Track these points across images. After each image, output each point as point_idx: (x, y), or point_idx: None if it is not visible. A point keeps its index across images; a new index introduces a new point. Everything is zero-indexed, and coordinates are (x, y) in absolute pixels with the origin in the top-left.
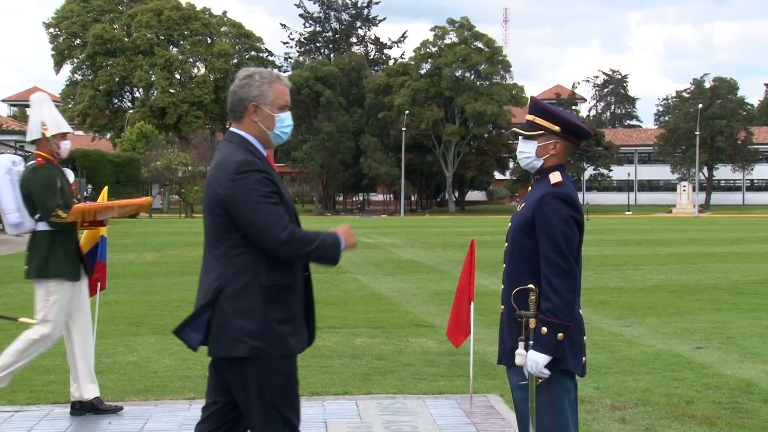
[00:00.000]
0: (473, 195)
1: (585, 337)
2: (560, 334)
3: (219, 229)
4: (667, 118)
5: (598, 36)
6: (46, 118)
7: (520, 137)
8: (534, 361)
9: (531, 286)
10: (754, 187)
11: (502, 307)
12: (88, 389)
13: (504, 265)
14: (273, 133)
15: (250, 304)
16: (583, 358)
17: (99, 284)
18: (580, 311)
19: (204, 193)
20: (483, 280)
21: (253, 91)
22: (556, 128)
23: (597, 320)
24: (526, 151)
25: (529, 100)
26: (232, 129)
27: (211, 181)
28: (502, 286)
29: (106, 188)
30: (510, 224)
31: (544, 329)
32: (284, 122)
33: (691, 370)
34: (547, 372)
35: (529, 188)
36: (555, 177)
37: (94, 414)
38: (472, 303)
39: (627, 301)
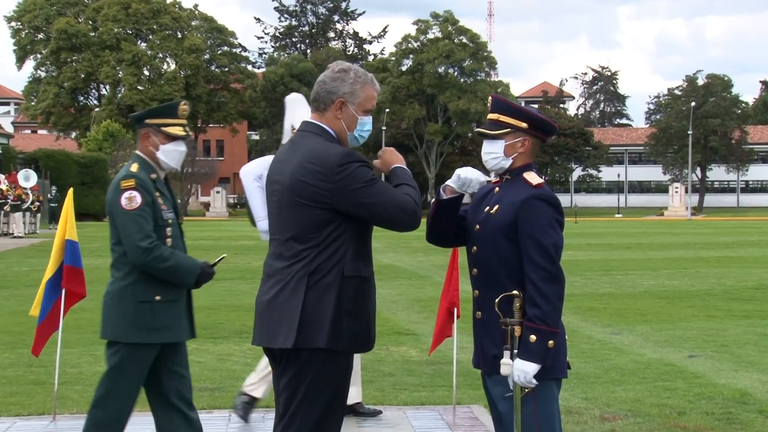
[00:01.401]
0: None
1: (566, 337)
2: (550, 342)
3: (310, 222)
4: (658, 117)
5: (586, 31)
6: (296, 122)
7: (485, 139)
8: (522, 371)
9: (516, 292)
10: (749, 188)
11: (479, 313)
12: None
13: (474, 270)
14: (352, 134)
15: (334, 297)
16: (567, 359)
17: (64, 290)
18: None
19: (277, 187)
20: (466, 285)
21: (345, 88)
22: (523, 125)
23: (585, 328)
24: (493, 152)
25: (491, 98)
26: (311, 120)
27: (299, 173)
28: (476, 292)
29: (71, 190)
30: (478, 227)
31: (533, 337)
32: (365, 126)
33: (683, 380)
34: (535, 382)
35: (496, 189)
36: (534, 178)
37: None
38: (456, 309)
39: (616, 307)
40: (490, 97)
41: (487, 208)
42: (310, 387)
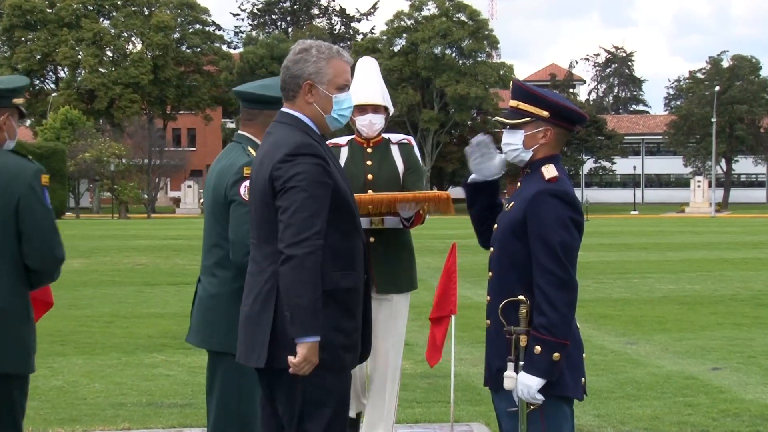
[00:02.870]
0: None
1: (584, 354)
2: (556, 354)
3: (271, 221)
4: (678, 103)
5: (598, 7)
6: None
7: (505, 128)
8: (525, 385)
9: (521, 297)
10: None
11: (488, 321)
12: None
13: (490, 274)
14: (330, 116)
15: None
16: (583, 378)
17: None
18: (577, 324)
19: (252, 184)
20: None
21: (309, 68)
22: (544, 113)
23: (598, 337)
24: (513, 143)
25: (512, 84)
26: (284, 110)
27: (262, 166)
28: (489, 298)
29: None
30: (496, 226)
31: (538, 348)
32: (343, 104)
33: (706, 395)
34: (540, 397)
35: (518, 184)
36: (549, 171)
37: None
38: (453, 317)
39: (632, 314)
40: (512, 82)
41: (506, 204)
42: (302, 409)
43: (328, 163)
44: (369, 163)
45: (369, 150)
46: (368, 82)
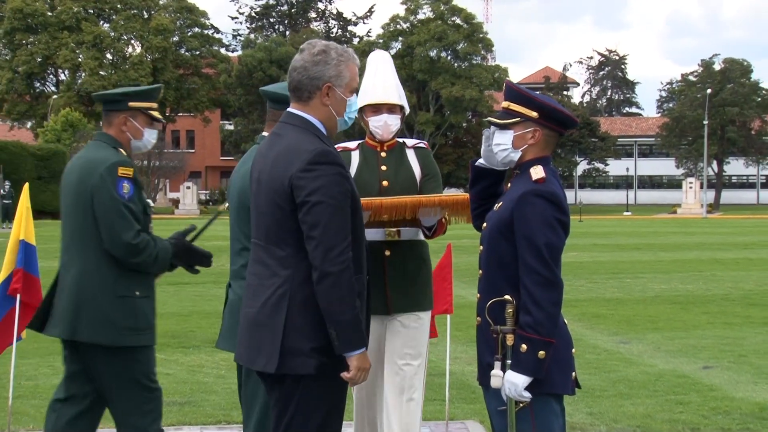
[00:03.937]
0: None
1: (573, 350)
2: (542, 352)
3: (285, 225)
4: (671, 106)
5: (591, 11)
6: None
7: (496, 128)
8: (512, 383)
9: (507, 297)
10: None
11: (479, 318)
12: None
13: (480, 272)
14: (341, 119)
15: (320, 316)
16: (573, 373)
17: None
18: (564, 321)
19: (256, 185)
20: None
21: (330, 71)
22: (533, 114)
23: (591, 336)
24: (502, 143)
25: (504, 85)
26: (293, 111)
27: (276, 169)
28: (478, 296)
29: (26, 185)
30: (485, 224)
31: (524, 346)
32: (353, 107)
33: (697, 393)
34: (527, 395)
35: (508, 185)
36: (537, 172)
37: None
38: (449, 316)
39: (625, 314)
40: (504, 83)
41: (495, 204)
42: (297, 413)
43: (346, 169)
44: (384, 168)
45: (383, 154)
46: (383, 79)
